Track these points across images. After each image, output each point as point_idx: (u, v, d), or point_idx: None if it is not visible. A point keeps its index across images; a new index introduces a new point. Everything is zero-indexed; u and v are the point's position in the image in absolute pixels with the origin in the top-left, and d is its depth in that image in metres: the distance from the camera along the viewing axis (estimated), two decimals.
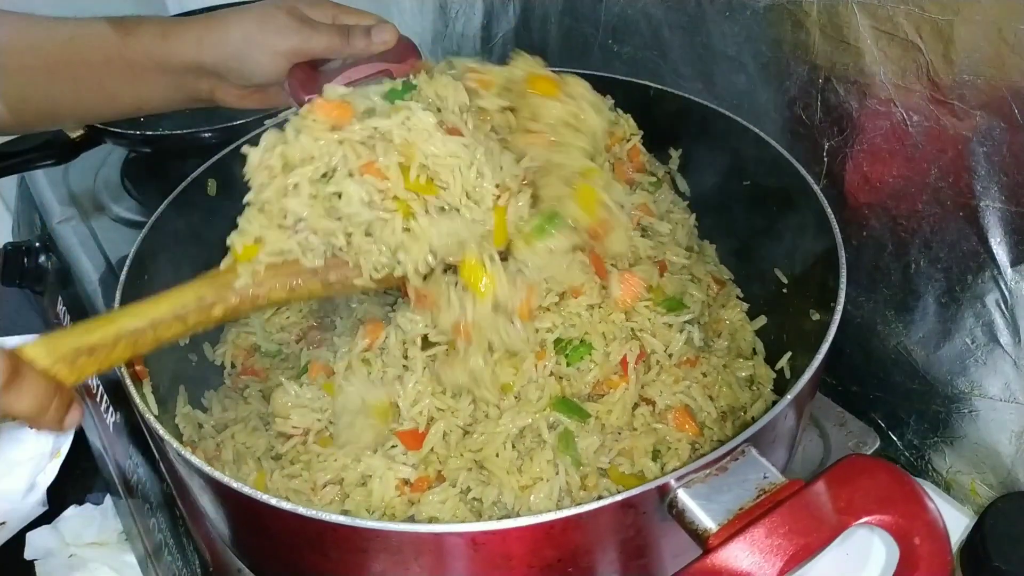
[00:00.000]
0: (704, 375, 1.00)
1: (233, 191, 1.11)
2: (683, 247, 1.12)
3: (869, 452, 1.02)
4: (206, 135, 1.41)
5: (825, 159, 1.08)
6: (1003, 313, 0.94)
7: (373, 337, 0.94)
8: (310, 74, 1.16)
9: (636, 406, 0.95)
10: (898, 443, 1.12)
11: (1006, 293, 0.93)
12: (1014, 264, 0.91)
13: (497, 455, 0.87)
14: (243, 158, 1.07)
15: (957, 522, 1.00)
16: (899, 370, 1.09)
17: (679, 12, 1.21)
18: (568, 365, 0.93)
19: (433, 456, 0.88)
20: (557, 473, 0.84)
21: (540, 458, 0.85)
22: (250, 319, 1.12)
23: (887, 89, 0.97)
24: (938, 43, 0.89)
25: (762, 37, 1.10)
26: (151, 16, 1.11)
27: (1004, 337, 0.95)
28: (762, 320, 1.09)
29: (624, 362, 0.95)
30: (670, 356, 0.98)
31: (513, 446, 0.87)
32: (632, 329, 0.98)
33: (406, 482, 0.85)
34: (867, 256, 1.07)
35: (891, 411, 1.12)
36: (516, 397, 0.91)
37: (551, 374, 0.93)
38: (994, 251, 0.92)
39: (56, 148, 1.47)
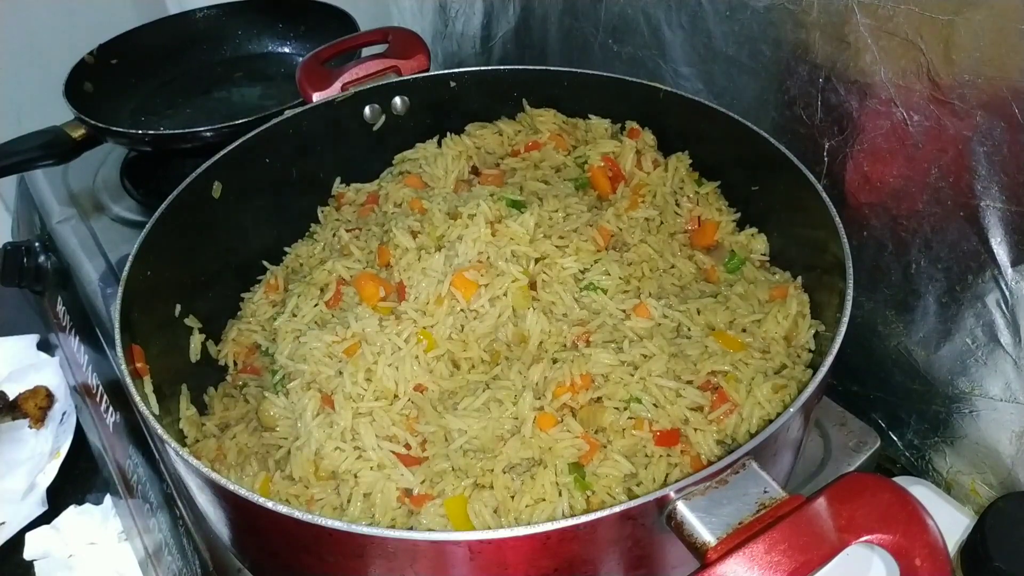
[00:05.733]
0: None
1: (234, 190, 1.12)
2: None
3: (869, 452, 1.02)
4: (206, 135, 1.40)
5: (825, 159, 1.08)
6: (1003, 313, 0.94)
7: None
8: (319, 71, 1.16)
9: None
10: (898, 443, 1.12)
11: (1006, 293, 0.93)
12: (1015, 264, 0.91)
13: (493, 485, 0.85)
14: (245, 157, 1.06)
15: (957, 522, 1.00)
16: (899, 370, 1.09)
17: (679, 12, 1.20)
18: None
19: (434, 466, 0.88)
20: (560, 495, 0.83)
21: (543, 479, 0.83)
22: (252, 317, 1.11)
23: (887, 89, 0.96)
24: (938, 43, 0.89)
25: (762, 37, 1.10)
26: None
27: (1004, 337, 0.95)
28: None
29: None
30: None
31: (512, 467, 0.86)
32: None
33: (407, 492, 0.85)
34: (867, 256, 1.06)
35: (891, 411, 1.12)
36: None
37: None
38: (994, 251, 0.92)
39: (56, 148, 1.45)
